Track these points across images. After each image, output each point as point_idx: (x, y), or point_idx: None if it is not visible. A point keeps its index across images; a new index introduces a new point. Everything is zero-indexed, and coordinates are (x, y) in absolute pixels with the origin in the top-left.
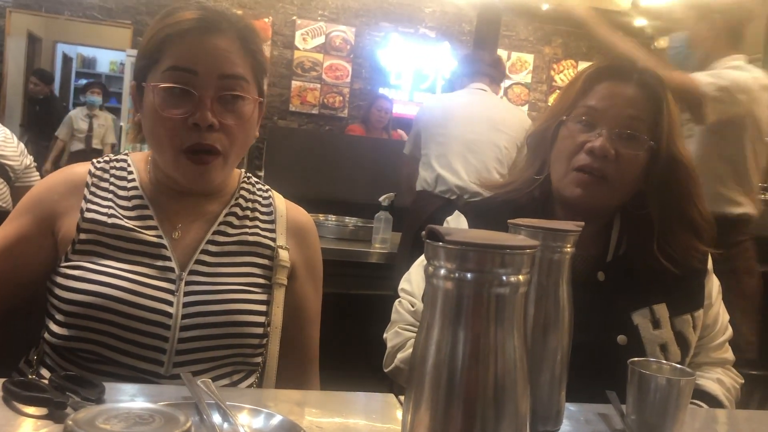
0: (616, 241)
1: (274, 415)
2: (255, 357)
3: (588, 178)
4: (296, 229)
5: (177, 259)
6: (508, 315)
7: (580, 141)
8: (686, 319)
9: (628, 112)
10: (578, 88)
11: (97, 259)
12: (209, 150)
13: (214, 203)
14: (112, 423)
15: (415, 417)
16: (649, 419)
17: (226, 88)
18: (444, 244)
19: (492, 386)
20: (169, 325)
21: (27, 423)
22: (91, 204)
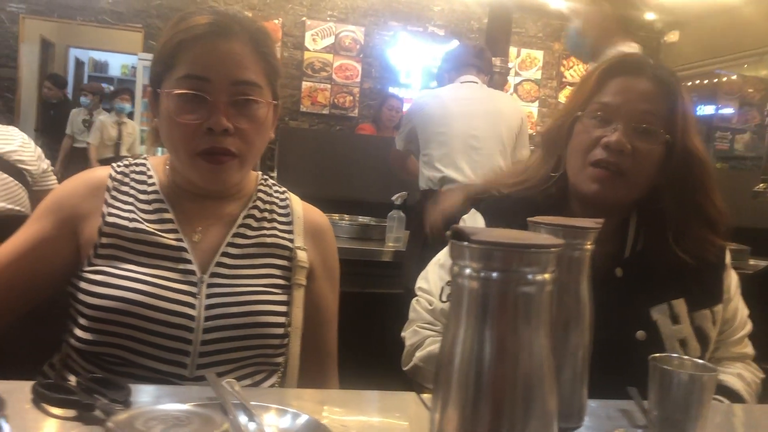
0: (633, 237)
1: (300, 415)
2: (276, 357)
3: (605, 173)
4: (313, 229)
5: (198, 262)
6: (534, 313)
7: (595, 136)
8: (705, 314)
9: (643, 106)
10: (592, 84)
11: (119, 264)
12: (224, 152)
13: (233, 205)
14: (150, 425)
15: (443, 416)
16: (671, 415)
17: (239, 94)
18: (470, 243)
19: (520, 384)
20: (192, 327)
21: (56, 424)
22: (113, 208)
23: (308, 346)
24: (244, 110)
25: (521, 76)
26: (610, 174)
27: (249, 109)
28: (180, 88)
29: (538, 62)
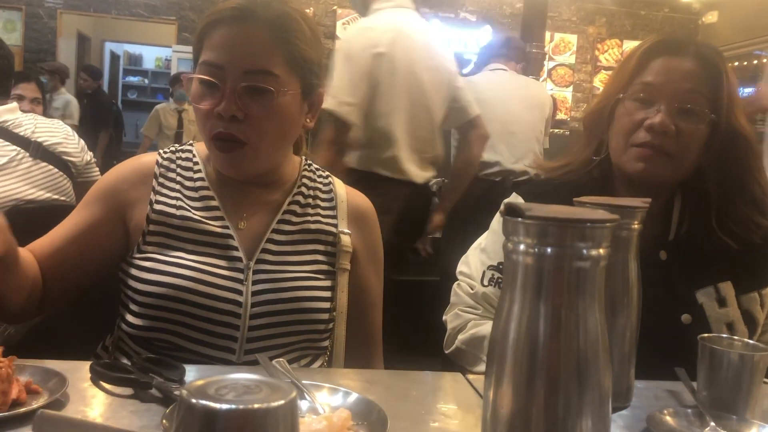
0: (678, 219)
1: (351, 393)
2: (322, 341)
3: (649, 152)
4: (357, 214)
5: (244, 248)
6: (589, 288)
7: (638, 118)
8: (753, 297)
9: (686, 86)
10: (633, 65)
11: (167, 251)
12: (232, 139)
13: (277, 192)
14: (222, 392)
15: (497, 392)
16: (721, 395)
17: (252, 82)
18: (524, 219)
19: (575, 360)
20: (239, 313)
21: (115, 402)
22: (160, 195)
23: (354, 329)
24: (257, 98)
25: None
26: (654, 153)
27: (262, 97)
28: (198, 74)
29: (572, 46)
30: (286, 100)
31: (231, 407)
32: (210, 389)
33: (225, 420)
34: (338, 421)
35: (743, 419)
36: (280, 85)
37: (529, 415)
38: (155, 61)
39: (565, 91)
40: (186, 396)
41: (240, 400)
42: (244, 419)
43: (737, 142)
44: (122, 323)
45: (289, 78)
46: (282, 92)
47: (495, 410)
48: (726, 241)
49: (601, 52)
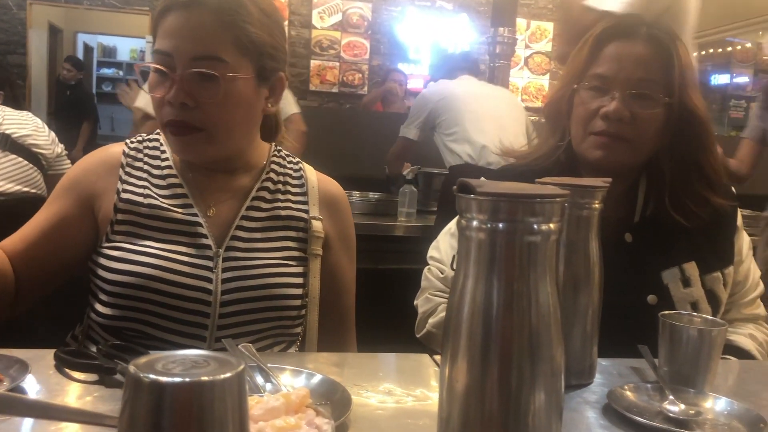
0: (643, 201)
1: (315, 375)
2: (295, 328)
3: (607, 140)
4: (328, 199)
5: (213, 236)
6: (540, 262)
7: (594, 107)
8: (717, 277)
9: (639, 73)
10: (586, 54)
11: (135, 240)
12: (184, 125)
13: (246, 178)
14: (170, 367)
15: (452, 367)
16: (681, 370)
17: (199, 68)
18: (476, 196)
19: (527, 333)
20: (209, 301)
21: (79, 388)
22: (127, 184)
23: (327, 315)
24: (206, 84)
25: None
26: (612, 140)
27: (211, 83)
28: (148, 63)
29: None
30: (238, 84)
31: (177, 380)
32: (157, 364)
33: (172, 393)
34: (296, 399)
35: (701, 392)
36: (228, 70)
37: (483, 388)
38: (130, 52)
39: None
40: (133, 371)
41: (187, 374)
42: (190, 392)
43: (690, 121)
44: (91, 312)
45: (239, 62)
46: (231, 78)
47: (451, 385)
48: (691, 222)
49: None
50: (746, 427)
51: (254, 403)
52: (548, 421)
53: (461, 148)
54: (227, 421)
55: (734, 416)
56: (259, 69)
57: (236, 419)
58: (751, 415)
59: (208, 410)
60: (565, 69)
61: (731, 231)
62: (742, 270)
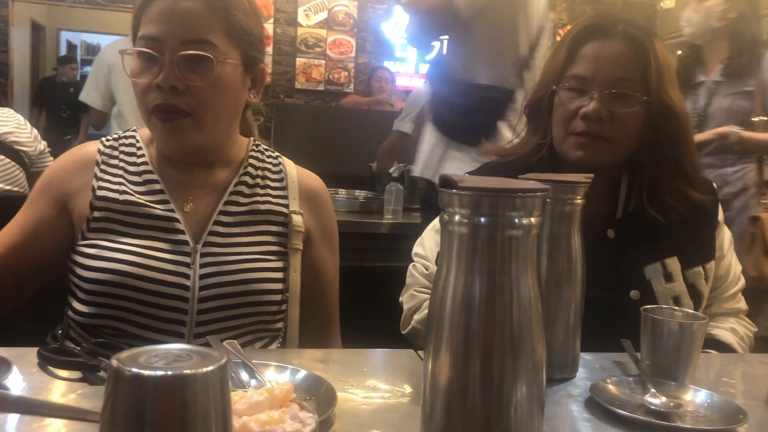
0: (625, 197)
1: (299, 371)
2: (275, 323)
3: (587, 140)
4: (309, 193)
5: (190, 231)
6: (521, 256)
7: (573, 108)
8: (698, 272)
9: (616, 72)
10: (564, 55)
11: (112, 237)
12: (173, 109)
13: (223, 173)
14: (152, 360)
15: (435, 361)
16: (663, 363)
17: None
18: (458, 190)
19: (509, 325)
20: (187, 297)
21: (63, 386)
22: (102, 182)
23: (310, 309)
24: (197, 67)
25: None
26: (592, 140)
27: (201, 66)
28: (136, 48)
29: None
30: (227, 69)
31: (160, 373)
32: (140, 358)
33: (154, 386)
34: (280, 393)
35: (681, 385)
36: (219, 54)
37: (466, 381)
38: None
39: None
40: (115, 365)
41: (169, 367)
42: (173, 385)
43: (668, 118)
44: (70, 311)
45: (228, 48)
46: (221, 61)
47: (434, 379)
48: (672, 218)
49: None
50: (726, 418)
51: (238, 398)
52: (530, 413)
53: None
54: (210, 414)
55: (714, 408)
56: (245, 57)
57: (219, 412)
58: (731, 406)
59: (191, 403)
60: (545, 68)
61: (712, 226)
62: (724, 264)
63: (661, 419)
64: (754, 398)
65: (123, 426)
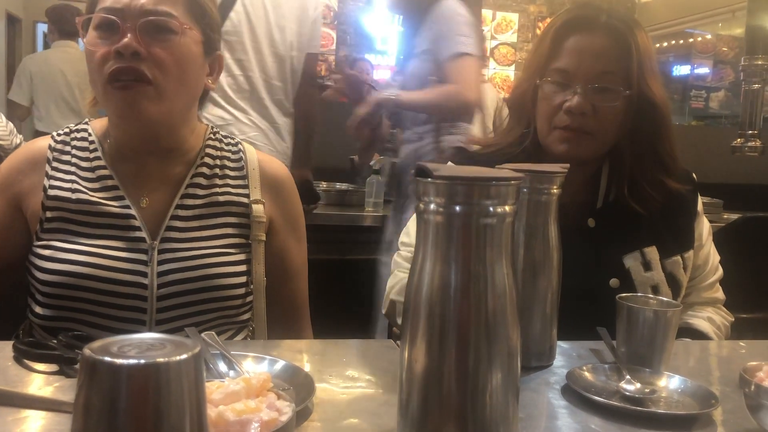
0: (606, 187)
1: (278, 361)
2: (240, 315)
3: (571, 135)
4: (271, 181)
5: (147, 228)
6: (496, 244)
7: (557, 102)
8: (676, 261)
9: (599, 66)
10: (547, 48)
11: (66, 237)
12: (134, 75)
13: (179, 165)
14: (125, 350)
15: (411, 349)
16: (638, 351)
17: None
18: (433, 179)
19: (484, 313)
20: (145, 296)
21: (39, 378)
22: (54, 180)
23: (277, 301)
24: (159, 36)
25: (497, 39)
26: (576, 135)
27: (164, 36)
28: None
29: (514, 25)
30: (188, 43)
31: (132, 362)
32: (113, 347)
33: (128, 375)
34: (257, 383)
35: (656, 372)
36: (181, 25)
37: (441, 369)
38: None
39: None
40: (88, 354)
41: (142, 356)
42: (146, 374)
43: (648, 110)
44: (29, 313)
45: (190, 23)
46: (184, 32)
47: (410, 367)
48: (652, 207)
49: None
50: (698, 403)
51: (215, 388)
52: (505, 400)
53: None
54: (184, 402)
55: (687, 393)
56: (205, 36)
57: (193, 401)
58: (704, 391)
59: (165, 392)
60: (528, 61)
61: (691, 216)
62: (702, 254)
63: (635, 405)
64: (726, 383)
65: (96, 415)
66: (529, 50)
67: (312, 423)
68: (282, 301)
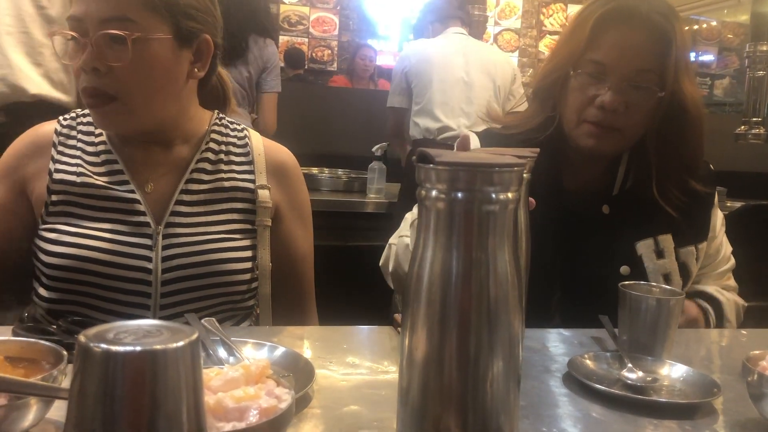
0: (623, 175)
1: (278, 347)
2: (246, 302)
3: (600, 130)
4: (276, 167)
5: (152, 212)
6: (498, 231)
7: (590, 95)
8: (691, 251)
9: (636, 64)
10: (586, 37)
11: (71, 220)
12: (99, 94)
13: (184, 150)
14: (121, 336)
15: (412, 336)
16: (640, 338)
17: (107, 29)
18: (435, 165)
19: (486, 300)
20: (149, 281)
21: None
22: (59, 164)
23: (283, 286)
24: (116, 47)
25: (501, 25)
26: (604, 130)
27: (120, 45)
28: (59, 30)
29: (518, 11)
30: (152, 47)
31: (128, 349)
32: (109, 334)
33: (123, 362)
34: (256, 370)
35: (658, 360)
36: (138, 31)
37: (442, 356)
38: None
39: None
40: (83, 341)
41: (139, 343)
42: (142, 361)
43: (679, 112)
44: (35, 296)
45: (151, 23)
46: (142, 39)
47: (410, 355)
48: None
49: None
50: (700, 391)
51: (214, 375)
52: (506, 387)
53: (424, 122)
54: (181, 390)
55: (689, 382)
56: (177, 30)
57: (190, 388)
58: (706, 380)
59: (161, 379)
60: (561, 47)
61: (708, 207)
62: (714, 244)
63: (637, 393)
64: (729, 372)
65: (92, 403)
66: (561, 35)
67: (312, 410)
68: (288, 287)
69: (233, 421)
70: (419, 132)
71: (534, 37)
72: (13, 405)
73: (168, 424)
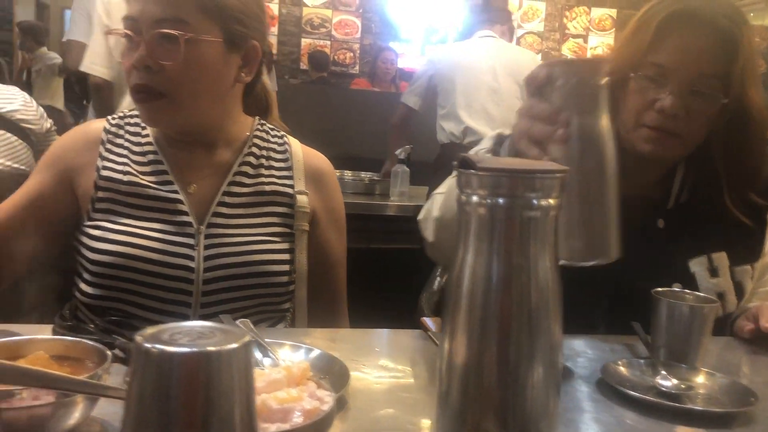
0: (679, 188)
1: (312, 349)
2: (282, 304)
3: (659, 135)
4: (314, 173)
5: (194, 213)
6: (540, 237)
7: (650, 98)
8: (747, 270)
9: (700, 68)
10: (648, 40)
11: (116, 218)
12: (148, 90)
13: (226, 153)
14: (176, 338)
15: (452, 341)
16: (673, 346)
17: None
18: (476, 171)
19: (526, 306)
20: (191, 279)
21: None
22: (107, 161)
23: (317, 290)
24: (170, 46)
25: (523, 28)
26: (664, 135)
27: (174, 45)
28: (115, 30)
29: (541, 14)
30: (203, 48)
31: (185, 350)
32: (164, 335)
33: (179, 363)
34: (297, 371)
35: (692, 368)
36: (191, 32)
37: (482, 362)
38: None
39: None
40: (140, 341)
41: (194, 344)
42: (198, 362)
43: (743, 121)
44: (77, 292)
45: (204, 26)
46: (194, 40)
47: (450, 360)
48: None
49: (569, 19)
50: (737, 400)
51: (256, 376)
52: (546, 394)
53: (449, 127)
54: (234, 391)
55: (725, 391)
56: (227, 34)
57: (243, 389)
58: (742, 388)
59: (216, 380)
60: (621, 47)
61: (764, 224)
62: (764, 262)
63: (672, 401)
64: (764, 381)
65: (149, 402)
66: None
67: (349, 413)
68: (322, 291)
69: (277, 422)
70: (445, 136)
71: (557, 41)
72: (61, 402)
73: (221, 426)
